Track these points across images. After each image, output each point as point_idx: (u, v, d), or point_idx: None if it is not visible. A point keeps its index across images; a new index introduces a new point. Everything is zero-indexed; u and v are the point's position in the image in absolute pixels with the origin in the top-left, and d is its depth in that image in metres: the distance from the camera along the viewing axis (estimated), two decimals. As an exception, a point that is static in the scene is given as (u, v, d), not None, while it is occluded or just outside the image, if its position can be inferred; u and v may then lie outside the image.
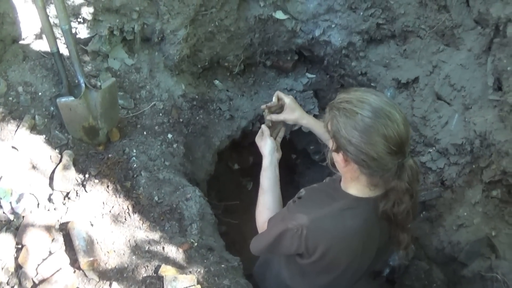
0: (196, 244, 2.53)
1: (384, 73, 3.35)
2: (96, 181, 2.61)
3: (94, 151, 2.77)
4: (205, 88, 3.54)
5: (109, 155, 2.77)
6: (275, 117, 2.67)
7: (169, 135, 3.09)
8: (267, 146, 2.57)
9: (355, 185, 2.01)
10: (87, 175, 2.62)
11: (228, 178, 4.39)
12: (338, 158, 1.95)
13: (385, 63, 3.33)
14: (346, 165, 1.93)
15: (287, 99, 2.68)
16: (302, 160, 4.51)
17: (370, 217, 2.00)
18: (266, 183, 2.48)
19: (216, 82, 3.61)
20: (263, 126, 2.65)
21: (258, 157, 4.41)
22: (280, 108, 2.70)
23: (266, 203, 2.43)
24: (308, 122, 2.70)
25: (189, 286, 2.21)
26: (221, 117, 3.53)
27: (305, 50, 3.63)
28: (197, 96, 3.41)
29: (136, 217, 2.58)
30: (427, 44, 3.11)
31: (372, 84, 3.39)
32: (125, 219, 2.56)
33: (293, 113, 2.67)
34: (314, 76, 3.79)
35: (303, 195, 2.21)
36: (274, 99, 2.69)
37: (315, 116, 3.76)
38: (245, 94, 3.69)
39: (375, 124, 1.78)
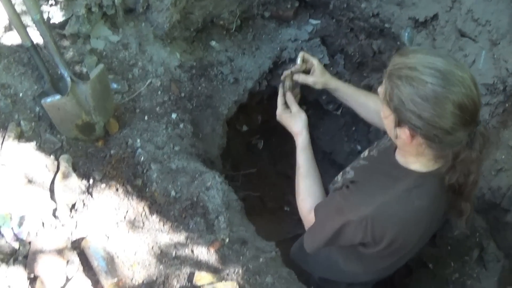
0: (227, 240, 2.28)
1: (399, 12, 3.04)
2: (103, 185, 2.34)
3: (94, 149, 2.48)
4: (202, 52, 3.22)
5: (112, 152, 2.48)
6: (303, 78, 2.40)
7: (173, 115, 2.80)
8: (300, 121, 2.32)
9: (419, 159, 1.79)
10: (91, 181, 2.34)
11: (238, 141, 4.13)
12: (402, 133, 1.69)
13: (398, 1, 3.02)
14: (412, 141, 1.69)
15: (315, 61, 2.43)
16: (314, 111, 4.23)
17: (437, 192, 1.81)
18: (306, 165, 2.23)
19: (213, 43, 3.28)
20: (287, 95, 2.39)
21: (266, 114, 4.16)
22: (303, 71, 2.44)
23: (309, 188, 2.19)
24: (337, 85, 2.47)
25: (231, 297, 1.99)
26: (225, 82, 3.23)
27: (306, -6, 3.30)
28: (195, 63, 3.10)
29: (155, 218, 2.32)
30: (443, -24, 2.81)
31: (386, 25, 3.09)
32: (143, 223, 2.30)
33: (323, 76, 2.44)
34: (319, 21, 3.46)
35: (354, 177, 1.98)
36: (299, 61, 2.43)
37: (325, 66, 3.48)
38: (246, 52, 3.37)
39: (449, 93, 1.54)
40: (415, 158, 1.79)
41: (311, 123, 4.33)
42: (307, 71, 2.47)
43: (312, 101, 4.02)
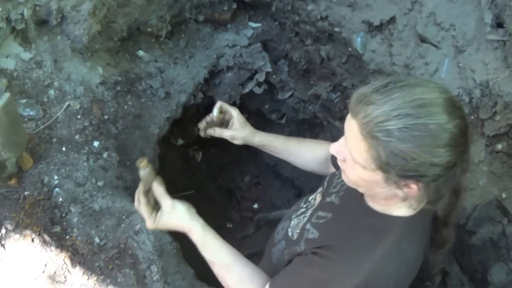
0: (161, 294, 2.21)
1: (350, 15, 2.96)
2: (16, 236, 2.22)
3: (6, 190, 2.35)
4: (127, 63, 3.10)
5: (26, 193, 2.36)
6: (219, 132, 2.28)
7: (95, 143, 2.68)
8: (184, 214, 1.95)
9: (404, 203, 1.68)
10: (3, 231, 2.22)
11: (174, 156, 4.04)
12: (405, 189, 1.56)
13: (349, 2, 2.94)
14: (416, 192, 1.57)
15: (234, 112, 2.29)
16: (256, 120, 4.17)
17: (424, 232, 1.78)
18: (221, 255, 1.95)
19: (141, 53, 3.16)
20: (154, 187, 2.01)
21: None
22: (221, 124, 2.34)
23: (243, 277, 1.95)
24: (261, 140, 2.35)
25: None
26: (155, 98, 3.12)
27: (244, -5, 3.22)
28: (120, 78, 2.98)
29: (78, 271, 2.23)
30: (400, -27, 2.76)
31: (335, 29, 3.02)
32: (65, 277, 2.21)
33: (244, 129, 2.30)
34: (260, 25, 3.39)
35: (322, 239, 1.84)
36: (216, 112, 2.28)
37: (267, 73, 3.43)
38: (179, 61, 3.27)
39: (456, 124, 1.46)
40: (401, 203, 1.68)
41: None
42: (225, 123, 2.35)
43: (254, 110, 3.97)
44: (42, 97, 2.66)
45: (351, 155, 1.58)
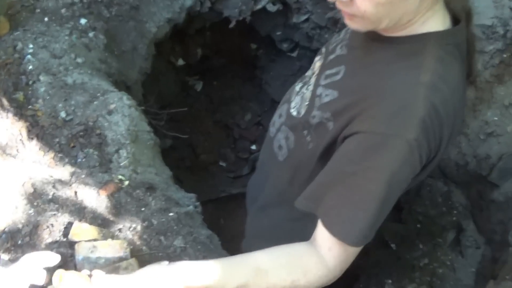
0: (127, 182, 1.77)
1: None
2: (-30, 95, 1.82)
3: (-26, 52, 1.97)
4: (133, -51, 2.68)
5: (-7, 56, 1.97)
6: None
7: (82, 20, 2.27)
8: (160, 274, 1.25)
9: (432, 14, 1.31)
10: (-46, 86, 1.82)
11: (171, 77, 3.60)
12: None
13: None
14: None
15: None
16: (265, 51, 3.75)
17: (463, 57, 1.39)
18: (242, 272, 1.31)
19: None
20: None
21: (208, 49, 3.65)
22: None
23: (283, 263, 1.37)
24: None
25: (117, 261, 1.47)
26: (157, -7, 2.70)
27: None
28: (122, -38, 2.56)
29: (33, 145, 1.82)
30: None
31: None
32: (17, 150, 1.81)
33: None
34: None
35: (341, 96, 1.41)
36: None
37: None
38: (189, -42, 2.84)
39: None
40: (426, 15, 1.31)
41: (260, 65, 3.89)
42: None
43: (264, 37, 3.52)
44: (31, -37, 2.26)
45: None
